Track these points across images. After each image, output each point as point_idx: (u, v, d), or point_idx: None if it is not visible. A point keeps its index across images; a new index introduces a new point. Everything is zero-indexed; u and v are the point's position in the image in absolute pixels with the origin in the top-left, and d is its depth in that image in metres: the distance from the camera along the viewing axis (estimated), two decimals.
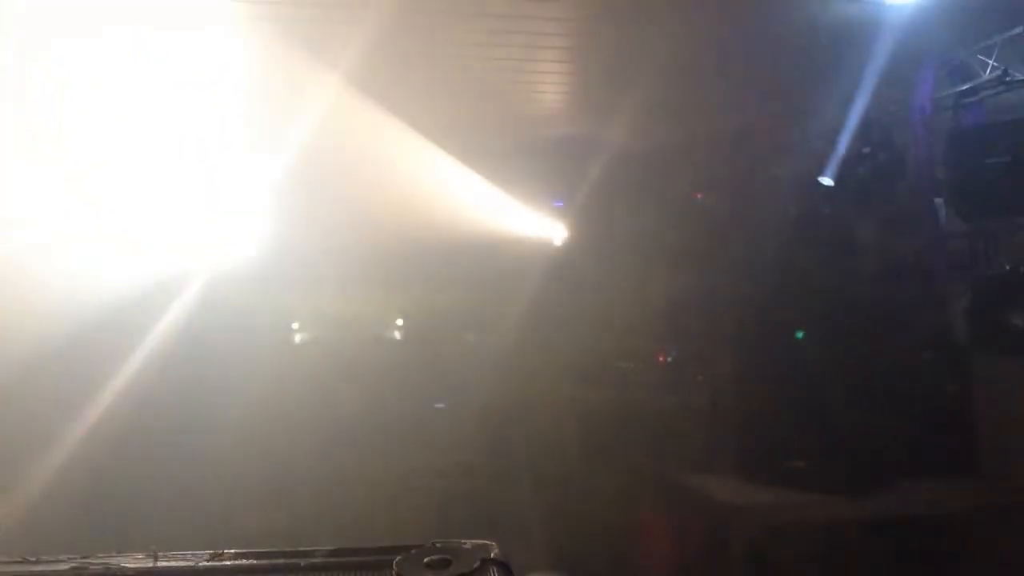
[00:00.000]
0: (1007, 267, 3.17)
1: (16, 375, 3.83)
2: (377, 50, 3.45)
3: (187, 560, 1.13)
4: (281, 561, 1.15)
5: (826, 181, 3.76)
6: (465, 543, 1.14)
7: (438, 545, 1.13)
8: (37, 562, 1.11)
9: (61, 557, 1.12)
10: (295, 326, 5.37)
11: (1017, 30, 3.13)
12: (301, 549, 1.16)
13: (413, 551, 1.12)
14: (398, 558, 1.10)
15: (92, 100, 3.72)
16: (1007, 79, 3.18)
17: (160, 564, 1.12)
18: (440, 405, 5.32)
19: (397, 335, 5.57)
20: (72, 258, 4.44)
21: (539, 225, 5.73)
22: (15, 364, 3.83)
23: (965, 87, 3.32)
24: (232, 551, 1.15)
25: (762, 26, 3.36)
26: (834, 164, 3.83)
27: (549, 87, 4.29)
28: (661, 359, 5.42)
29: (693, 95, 4.43)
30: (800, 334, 3.42)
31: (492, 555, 1.10)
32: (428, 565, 1.08)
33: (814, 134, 4.29)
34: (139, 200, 4.40)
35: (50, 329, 4.30)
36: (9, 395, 3.77)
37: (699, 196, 5.23)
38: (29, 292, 4.05)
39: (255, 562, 1.14)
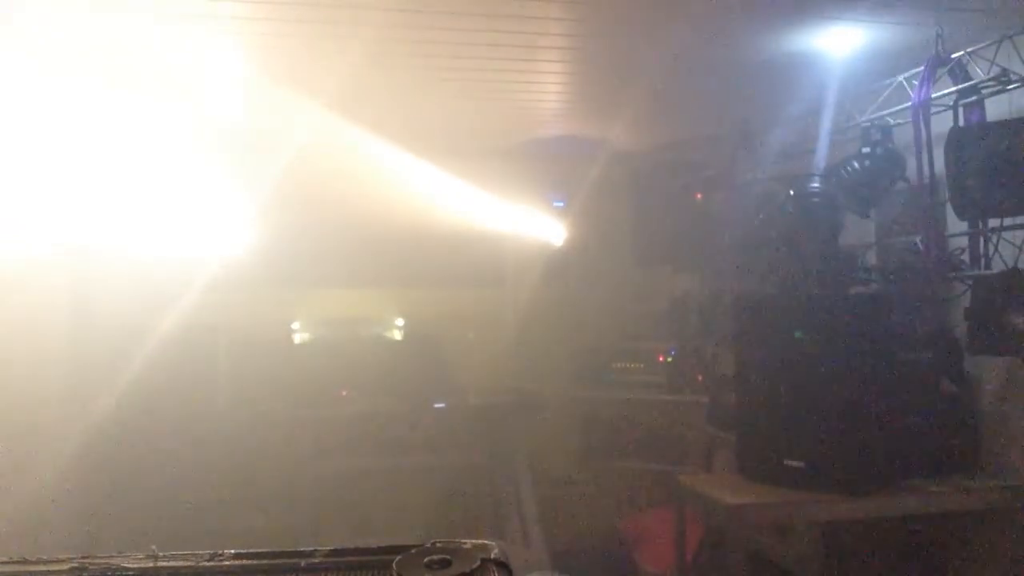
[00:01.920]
0: (1007, 267, 3.17)
1: (17, 377, 3.83)
2: (375, 50, 3.45)
3: (187, 560, 1.13)
4: (281, 561, 1.15)
5: (822, 181, 3.76)
6: (465, 543, 1.14)
7: (438, 545, 1.13)
8: (37, 562, 1.11)
9: (61, 557, 1.12)
10: (295, 326, 5.37)
11: (1018, 30, 3.13)
12: (301, 549, 1.16)
13: (413, 551, 1.12)
14: (398, 558, 1.10)
15: (84, 103, 3.72)
16: (1006, 79, 3.18)
17: (160, 564, 1.12)
18: (440, 405, 5.32)
19: (397, 335, 5.57)
20: (70, 260, 4.44)
21: (539, 225, 5.72)
22: (16, 366, 3.84)
23: (965, 86, 3.32)
24: (232, 551, 1.15)
25: (763, 32, 3.36)
26: (832, 164, 3.83)
27: (549, 87, 4.29)
28: (660, 359, 5.43)
29: (693, 95, 4.43)
30: (798, 334, 3.42)
31: (492, 555, 1.10)
32: (428, 565, 1.08)
33: (811, 136, 4.29)
34: (132, 203, 4.41)
35: (51, 331, 4.30)
36: (9, 395, 3.77)
37: (699, 196, 5.23)
38: (30, 294, 4.05)
39: (255, 562, 1.14)
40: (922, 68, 3.39)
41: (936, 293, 3.66)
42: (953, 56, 3.32)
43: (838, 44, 3.47)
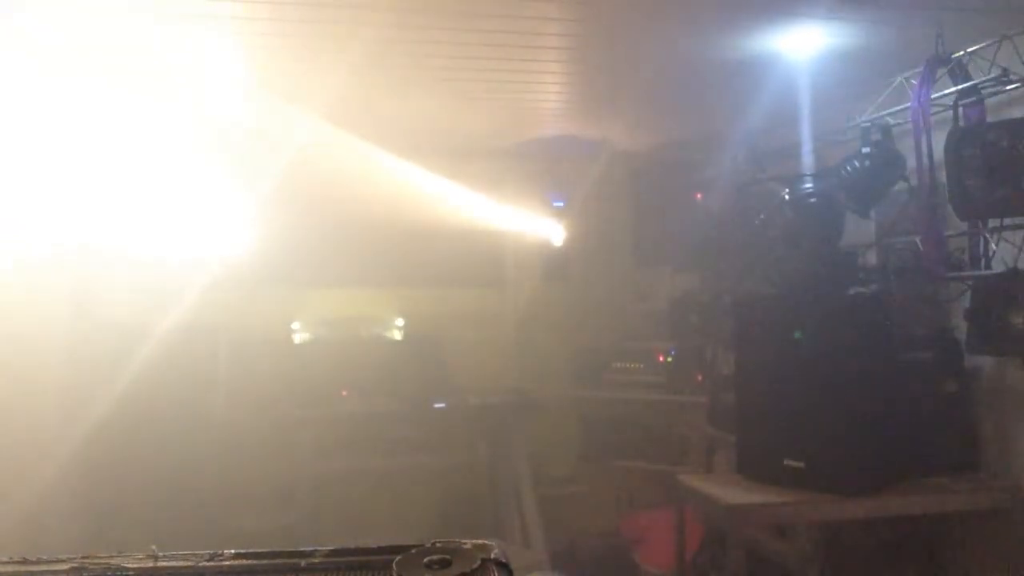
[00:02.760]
0: (1007, 267, 3.17)
1: (17, 376, 3.83)
2: (375, 50, 3.45)
3: (187, 560, 1.13)
4: (281, 561, 1.14)
5: (822, 181, 3.75)
6: (465, 543, 1.13)
7: (438, 545, 1.13)
8: (37, 562, 1.11)
9: (61, 557, 1.11)
10: (295, 326, 5.37)
11: (1018, 30, 3.13)
12: (301, 549, 1.16)
13: (413, 551, 1.12)
14: (398, 558, 1.10)
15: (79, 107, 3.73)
16: (1006, 79, 3.18)
17: (160, 564, 1.12)
18: (440, 405, 5.32)
19: (397, 335, 5.57)
20: (71, 259, 4.44)
21: (539, 225, 5.73)
22: (16, 366, 3.84)
23: (965, 86, 3.32)
24: (232, 551, 1.15)
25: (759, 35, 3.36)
26: (832, 164, 3.83)
27: (549, 87, 4.29)
28: (660, 359, 5.43)
29: (694, 95, 4.43)
30: (798, 334, 3.42)
31: (492, 555, 1.10)
32: (428, 565, 1.07)
33: (811, 135, 4.30)
34: (132, 203, 4.41)
35: (51, 330, 4.30)
36: (9, 395, 3.77)
37: (699, 196, 5.24)
38: (30, 294, 4.05)
39: (255, 562, 1.14)
40: (922, 68, 3.39)
41: (936, 293, 3.66)
42: (953, 56, 3.32)
43: (838, 44, 3.47)
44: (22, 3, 2.90)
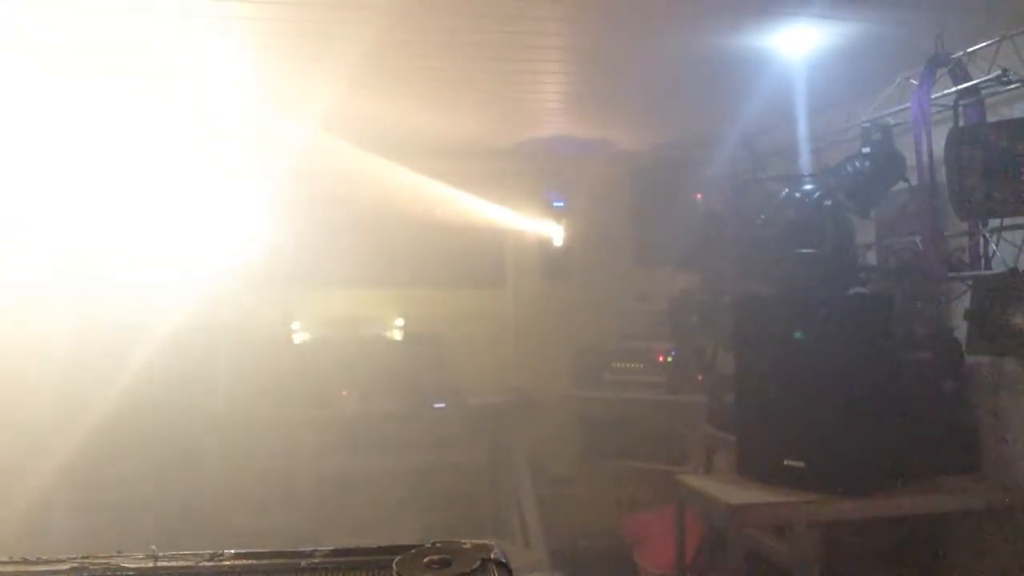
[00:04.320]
0: (1007, 267, 3.17)
1: (18, 377, 3.84)
2: (375, 50, 3.45)
3: (187, 560, 1.13)
4: (281, 561, 1.15)
5: (822, 181, 3.75)
6: (465, 543, 1.14)
7: (438, 545, 1.13)
8: (37, 562, 1.11)
9: (61, 557, 1.12)
10: (295, 326, 5.37)
11: (1018, 30, 3.13)
12: (301, 549, 1.16)
13: (413, 551, 1.12)
14: (398, 558, 1.10)
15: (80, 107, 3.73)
16: (1006, 79, 3.17)
17: (160, 564, 1.12)
18: (440, 405, 5.32)
19: (397, 335, 5.57)
20: (71, 259, 4.44)
21: (539, 225, 5.73)
22: (18, 367, 3.84)
23: (965, 86, 3.31)
24: (232, 551, 1.15)
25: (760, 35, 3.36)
26: (832, 164, 3.83)
27: (549, 87, 4.29)
28: (660, 359, 5.43)
29: (693, 95, 4.43)
30: (798, 334, 3.42)
31: (492, 555, 1.10)
32: (428, 565, 1.08)
33: (811, 135, 4.29)
34: (132, 203, 4.42)
35: (53, 330, 4.30)
36: (10, 396, 3.77)
37: (699, 196, 5.24)
38: (30, 293, 4.05)
39: (255, 562, 1.14)
40: (922, 68, 3.39)
41: (936, 293, 3.65)
42: (953, 56, 3.32)
43: (838, 43, 3.47)
44: (22, 3, 2.90)
